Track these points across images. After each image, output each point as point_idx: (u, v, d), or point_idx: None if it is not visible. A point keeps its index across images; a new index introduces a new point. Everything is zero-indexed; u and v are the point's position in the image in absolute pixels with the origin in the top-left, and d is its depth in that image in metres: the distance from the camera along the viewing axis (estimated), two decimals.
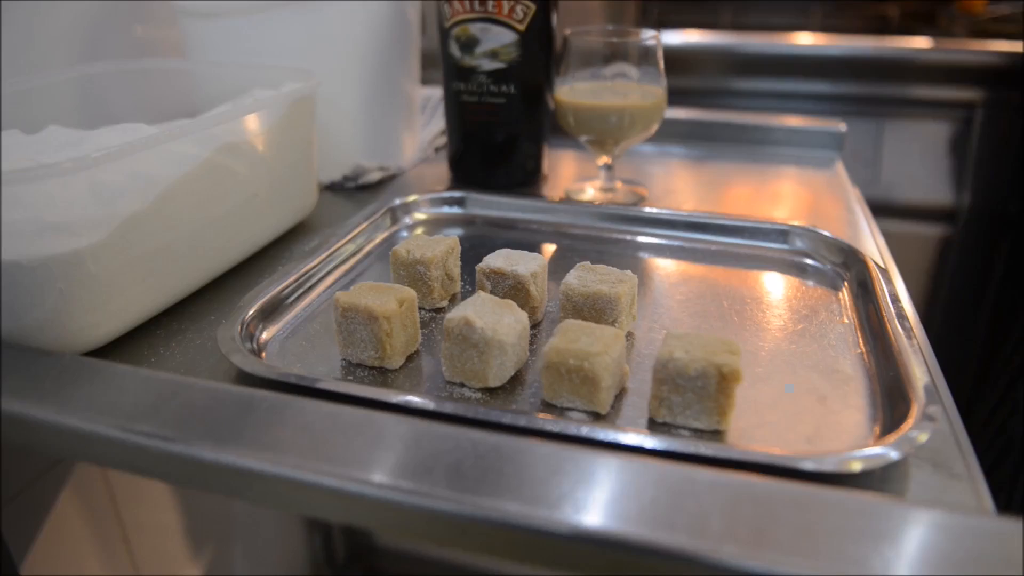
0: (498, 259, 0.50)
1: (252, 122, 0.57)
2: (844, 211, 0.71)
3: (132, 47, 0.86)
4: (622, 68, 0.70)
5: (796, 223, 0.62)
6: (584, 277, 0.48)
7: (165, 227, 0.50)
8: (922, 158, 1.43)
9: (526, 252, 0.51)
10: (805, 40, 1.45)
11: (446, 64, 0.73)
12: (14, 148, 0.57)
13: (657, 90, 0.70)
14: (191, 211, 0.52)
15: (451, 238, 0.54)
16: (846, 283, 0.56)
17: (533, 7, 0.69)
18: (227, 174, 0.55)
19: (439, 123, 0.95)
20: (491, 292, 0.50)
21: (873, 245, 0.63)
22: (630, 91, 0.70)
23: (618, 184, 0.75)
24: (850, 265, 0.58)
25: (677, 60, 1.50)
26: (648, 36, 0.69)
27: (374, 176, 0.77)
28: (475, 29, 0.70)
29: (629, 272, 0.49)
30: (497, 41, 0.70)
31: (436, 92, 1.03)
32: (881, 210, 0.85)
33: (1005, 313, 1.44)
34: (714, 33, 1.51)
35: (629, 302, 0.48)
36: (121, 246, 0.47)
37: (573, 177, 0.80)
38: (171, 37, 0.89)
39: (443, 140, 0.91)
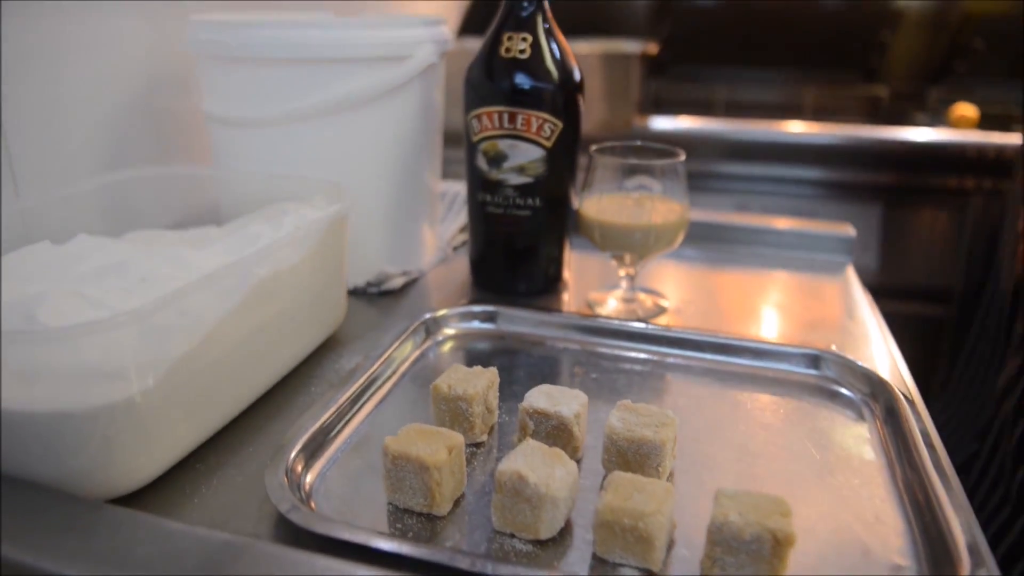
0: (540, 398, 0.51)
1: (293, 249, 0.58)
2: (860, 325, 0.72)
3: (158, 151, 0.86)
4: (644, 181, 0.72)
5: (823, 349, 0.63)
6: (627, 420, 0.49)
7: (211, 364, 0.50)
8: (918, 241, 1.46)
9: (566, 389, 0.52)
10: (797, 128, 1.49)
11: (472, 175, 0.75)
12: (46, 263, 0.57)
13: (679, 207, 0.71)
14: (235, 344, 0.53)
15: (490, 371, 0.54)
16: (875, 415, 0.57)
17: (560, 125, 0.71)
18: (268, 303, 0.56)
19: (459, 220, 0.96)
20: (534, 431, 0.51)
21: (894, 367, 0.64)
22: (654, 206, 0.71)
23: (639, 295, 0.76)
24: (877, 395, 0.59)
25: (670, 144, 1.53)
26: (673, 158, 0.70)
27: (397, 283, 0.78)
28: (503, 145, 0.71)
29: (670, 413, 0.50)
30: (524, 157, 0.71)
31: (454, 187, 1.05)
32: (878, 292, 0.87)
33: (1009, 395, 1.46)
34: (708, 120, 1.54)
35: (672, 446, 0.49)
36: (169, 388, 0.47)
37: (594, 283, 0.81)
38: (198, 142, 0.90)
39: (461, 238, 0.92)
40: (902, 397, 0.57)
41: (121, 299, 0.50)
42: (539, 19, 0.71)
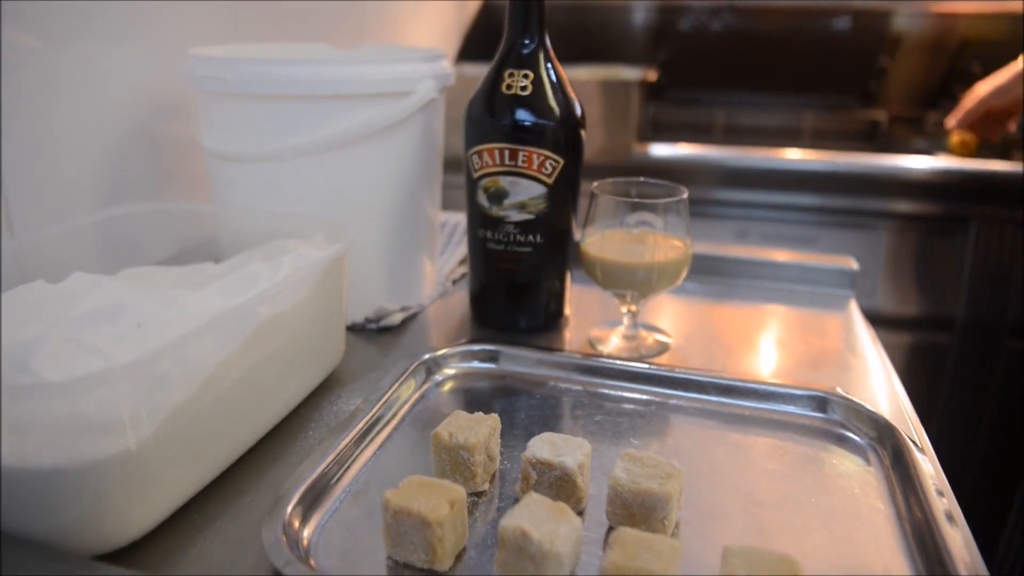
0: (543, 448, 0.50)
1: (292, 292, 0.57)
2: (864, 364, 0.71)
3: (155, 184, 0.86)
4: (647, 217, 0.71)
5: (829, 391, 0.62)
6: (632, 471, 0.48)
7: (208, 411, 0.49)
8: (916, 269, 1.46)
9: (570, 438, 0.51)
10: (797, 155, 1.49)
11: (472, 212, 0.74)
12: (41, 304, 0.56)
13: (682, 244, 0.71)
14: (233, 390, 0.52)
15: (492, 418, 0.53)
16: (883, 460, 0.56)
17: (561, 162, 0.70)
18: (267, 346, 0.55)
19: (459, 251, 0.95)
20: (536, 481, 0.50)
21: (900, 409, 0.64)
22: (656, 244, 0.70)
23: (641, 332, 0.75)
24: (885, 440, 0.58)
25: (669, 171, 1.53)
26: (676, 195, 0.70)
27: (396, 319, 0.77)
28: (504, 182, 0.71)
29: (675, 464, 0.49)
30: (526, 194, 0.71)
31: (454, 217, 1.04)
32: (876, 319, 0.87)
33: (1006, 423, 1.46)
34: (708, 147, 1.54)
35: (678, 498, 0.48)
36: (166, 439, 0.46)
37: (596, 318, 0.81)
38: (196, 175, 0.90)
39: (461, 271, 0.92)
40: (910, 443, 0.56)
41: (117, 346, 0.49)
42: (541, 56, 0.70)
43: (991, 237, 1.39)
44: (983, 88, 1.45)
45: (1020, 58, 1.42)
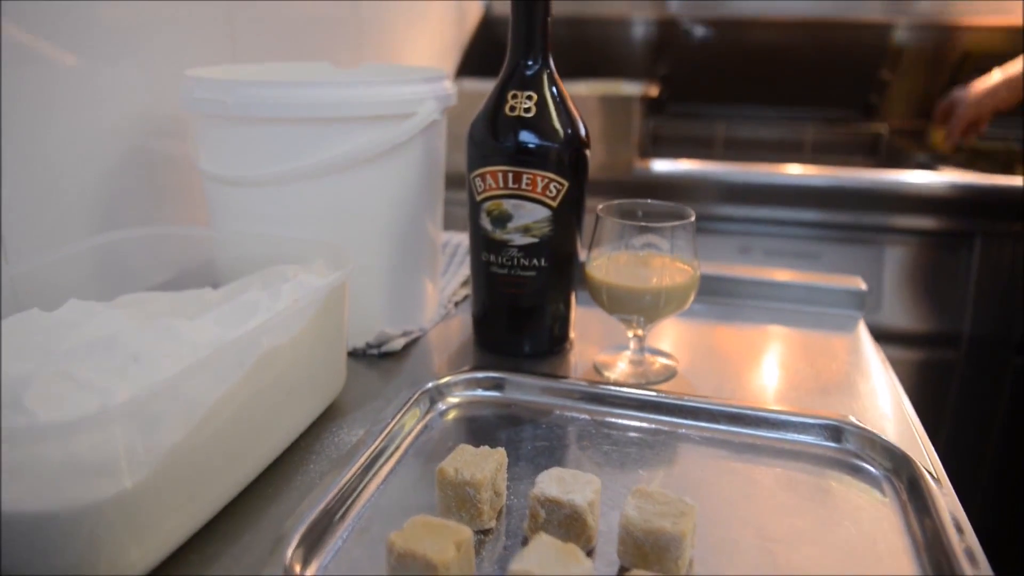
0: (552, 485, 0.48)
1: (291, 323, 0.56)
2: (876, 389, 0.70)
3: (153, 206, 0.85)
4: (653, 239, 0.70)
5: (842, 420, 0.61)
6: (644, 508, 0.47)
7: (206, 448, 0.48)
8: (921, 285, 1.45)
9: (579, 473, 0.50)
10: (799, 170, 1.48)
11: (475, 235, 0.73)
12: (35, 334, 0.55)
13: (690, 267, 0.69)
14: (231, 425, 0.50)
15: (498, 452, 0.52)
16: (899, 493, 0.55)
17: (566, 184, 0.69)
18: (267, 379, 0.53)
19: (461, 272, 0.94)
20: (545, 519, 0.48)
21: (914, 437, 0.62)
22: (664, 267, 0.69)
23: (647, 357, 0.74)
24: (901, 471, 0.57)
25: (671, 187, 1.52)
26: (684, 218, 0.68)
27: (398, 344, 0.76)
28: (508, 205, 0.69)
29: (688, 501, 0.47)
30: (530, 217, 0.69)
31: (456, 237, 1.03)
32: (882, 335, 0.86)
33: (1014, 439, 1.44)
34: (710, 163, 1.53)
35: (691, 536, 0.47)
36: (162, 479, 0.44)
37: (602, 340, 0.79)
38: (194, 197, 0.88)
39: (463, 292, 0.90)
40: (927, 475, 0.54)
41: (113, 381, 0.48)
42: (544, 77, 0.69)
43: (997, 252, 1.38)
44: (976, 93, 1.49)
45: (1005, 65, 1.46)
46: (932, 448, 0.60)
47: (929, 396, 1.47)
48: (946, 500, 0.52)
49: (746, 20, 1.96)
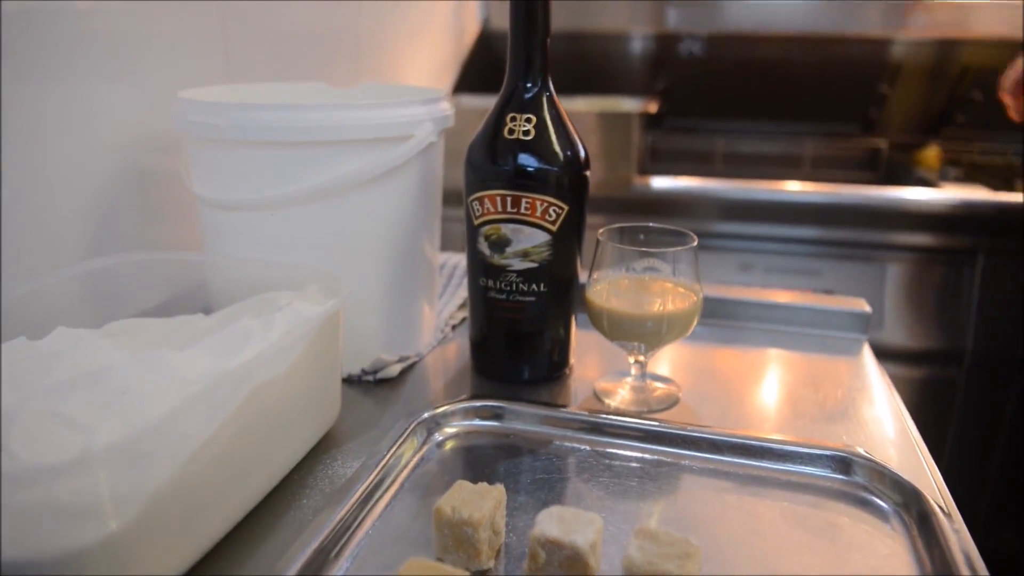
0: (552, 525, 0.47)
1: (285, 354, 0.54)
2: (882, 416, 0.69)
3: (146, 225, 0.83)
4: (655, 263, 0.69)
5: (851, 451, 0.59)
6: (647, 549, 0.45)
7: (195, 487, 0.46)
8: (923, 302, 1.44)
9: (580, 513, 0.48)
10: (799, 187, 1.47)
11: (473, 259, 0.71)
12: (20, 365, 0.54)
13: (692, 292, 0.68)
14: (221, 462, 0.49)
15: (497, 489, 0.50)
16: (910, 528, 0.53)
17: (566, 208, 0.68)
18: (258, 413, 0.52)
19: (459, 294, 0.93)
20: (545, 560, 0.47)
21: (923, 467, 0.61)
22: (666, 292, 0.68)
23: (649, 383, 0.72)
24: (911, 505, 0.55)
25: (671, 204, 1.51)
26: (686, 244, 0.67)
27: (394, 370, 0.74)
28: (506, 230, 0.68)
29: (693, 542, 0.46)
30: (529, 242, 0.68)
31: (453, 258, 1.01)
32: (883, 353, 0.85)
33: (1017, 456, 1.43)
34: (709, 180, 1.52)
35: None
36: (149, 521, 0.43)
37: (602, 364, 0.78)
38: (187, 215, 0.87)
39: (461, 315, 0.89)
40: (938, 510, 0.53)
41: (99, 417, 0.46)
42: (544, 99, 0.68)
43: (999, 270, 1.37)
44: None
45: None
46: (941, 479, 0.59)
47: (932, 414, 1.45)
48: (957, 537, 0.51)
49: (745, 35, 1.95)
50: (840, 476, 0.59)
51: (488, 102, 0.70)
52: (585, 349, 0.81)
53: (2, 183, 0.67)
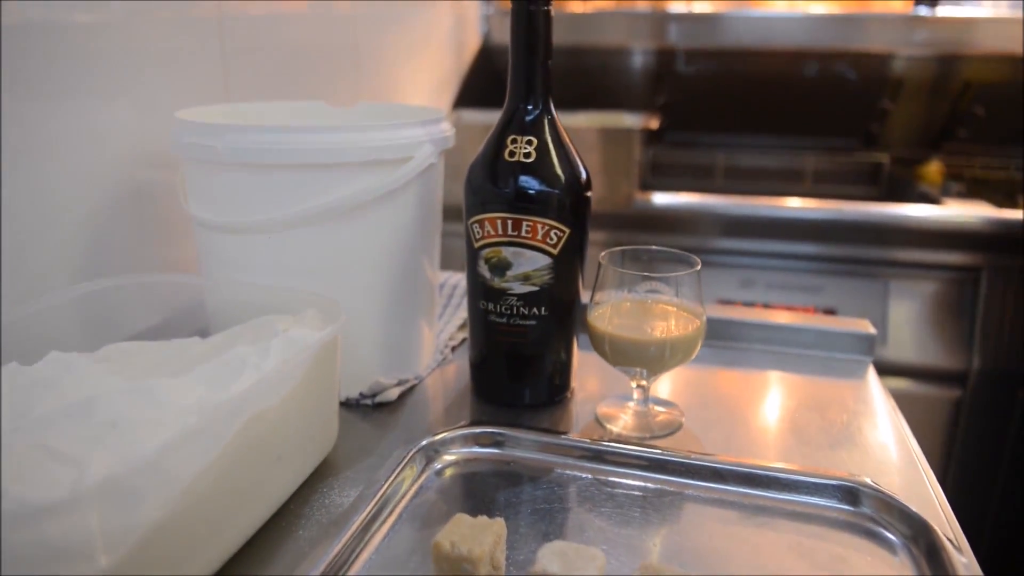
0: (554, 561, 0.46)
1: (281, 383, 0.53)
2: (887, 443, 0.67)
3: (145, 244, 0.83)
4: (657, 286, 0.68)
5: (858, 481, 0.58)
6: None
7: (188, 521, 0.45)
8: (927, 319, 1.43)
9: (582, 548, 0.47)
10: (800, 204, 1.47)
11: (473, 282, 0.70)
12: (11, 393, 0.53)
13: (696, 316, 0.67)
14: (215, 495, 0.48)
15: (497, 523, 0.49)
16: (918, 563, 0.52)
17: (567, 231, 0.67)
18: (254, 443, 0.51)
19: (458, 315, 0.92)
20: None
21: (931, 496, 0.59)
22: (668, 315, 0.67)
23: (652, 408, 0.71)
24: (919, 538, 0.54)
25: (672, 221, 1.50)
26: (689, 268, 0.66)
27: (393, 394, 0.73)
28: (507, 253, 0.67)
29: None
30: (530, 265, 0.67)
31: (453, 277, 1.00)
32: (885, 370, 0.84)
33: (1022, 474, 1.41)
34: (710, 196, 1.51)
35: None
36: (141, 559, 0.42)
37: (604, 387, 0.77)
38: (185, 234, 0.86)
39: (461, 335, 0.88)
40: (948, 543, 0.52)
41: (89, 450, 0.45)
42: (545, 121, 0.67)
43: (1004, 287, 1.36)
44: None
45: None
46: (950, 509, 0.58)
47: (935, 432, 1.44)
48: (967, 572, 0.50)
49: (746, 50, 1.95)
50: (847, 507, 0.58)
51: (489, 117, 0.69)
52: (587, 371, 0.80)
53: (1, 200, 0.66)
